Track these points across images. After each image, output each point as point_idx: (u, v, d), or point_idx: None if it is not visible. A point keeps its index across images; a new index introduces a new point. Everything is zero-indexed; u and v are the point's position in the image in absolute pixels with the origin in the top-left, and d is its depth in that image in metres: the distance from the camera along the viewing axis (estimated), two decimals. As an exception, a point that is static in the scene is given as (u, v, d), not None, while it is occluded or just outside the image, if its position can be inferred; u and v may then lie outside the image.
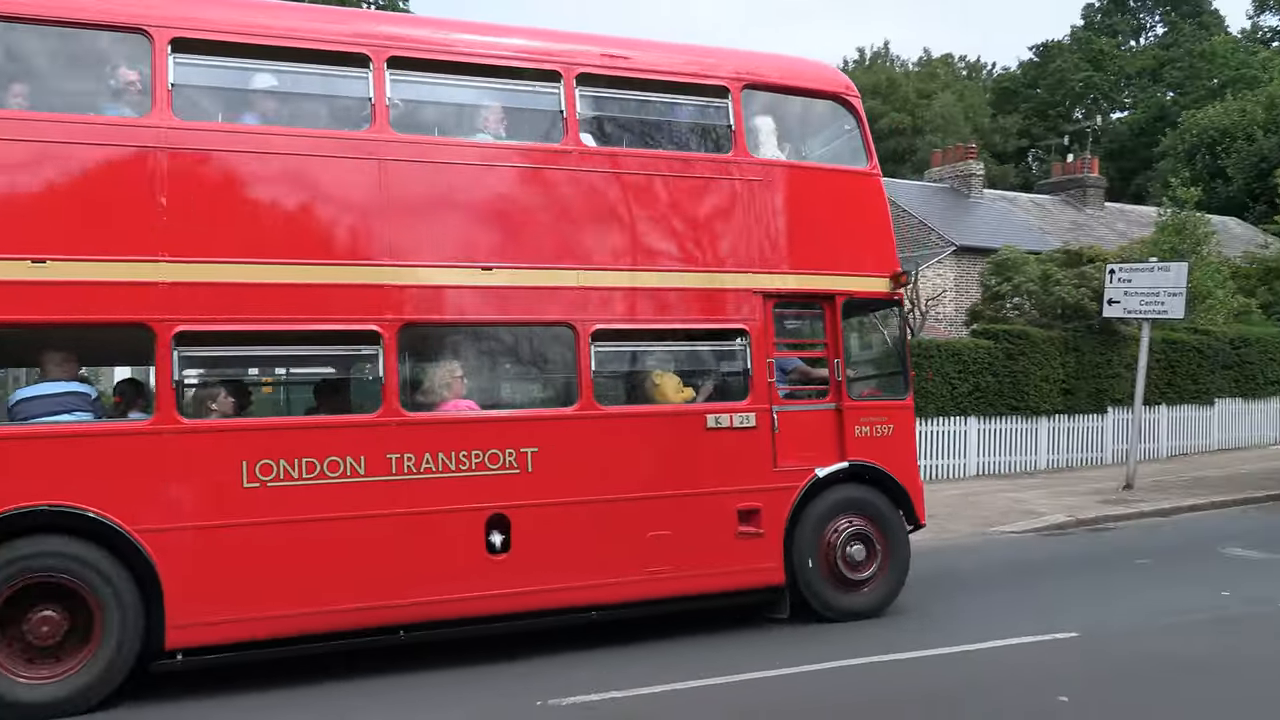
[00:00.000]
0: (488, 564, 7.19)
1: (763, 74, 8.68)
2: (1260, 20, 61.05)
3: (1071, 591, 9.72)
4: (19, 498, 6.15)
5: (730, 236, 8.26)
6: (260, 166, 6.99)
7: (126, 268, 6.55)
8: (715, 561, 7.85)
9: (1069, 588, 9.91)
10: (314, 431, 7.17)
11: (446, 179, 7.49)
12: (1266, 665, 7.02)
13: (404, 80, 7.45)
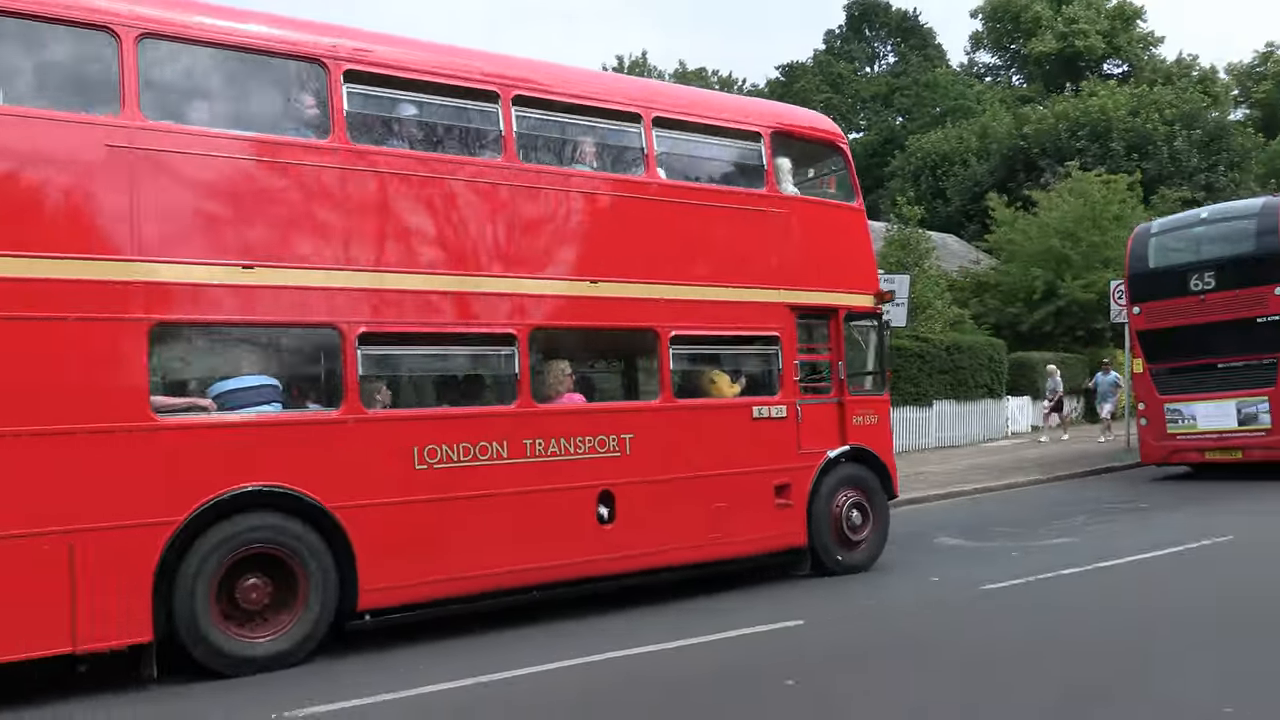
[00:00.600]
0: (598, 533, 8.58)
1: (785, 121, 10.54)
2: (976, 57, 67.26)
3: (803, 582, 10.35)
4: (236, 479, 7.05)
5: (766, 258, 9.90)
6: (421, 189, 8.11)
7: (320, 275, 7.56)
8: (759, 528, 9.63)
9: (804, 579, 10.54)
10: (468, 420, 8.26)
11: (559, 205, 8.82)
12: (967, 642, 7.74)
13: (526, 116, 8.69)
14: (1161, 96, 40.31)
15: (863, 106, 63.85)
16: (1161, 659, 7.04)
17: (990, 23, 62.80)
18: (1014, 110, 46.72)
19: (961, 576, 10.11)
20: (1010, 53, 63.50)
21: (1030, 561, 10.67)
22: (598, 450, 8.67)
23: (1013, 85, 62.48)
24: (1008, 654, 7.31)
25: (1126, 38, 56.63)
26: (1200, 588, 9.28)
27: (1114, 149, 37.09)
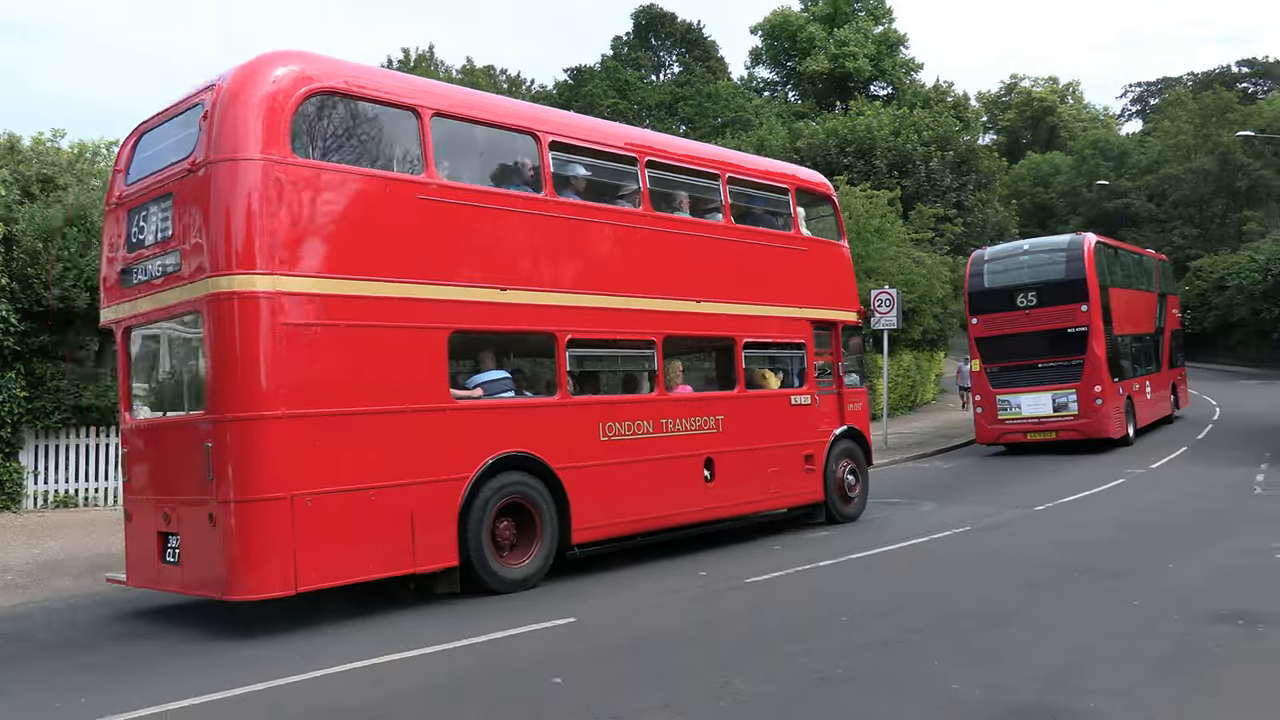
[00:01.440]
0: (704, 489, 11.49)
1: (801, 177, 13.82)
2: (755, 72, 70.04)
3: (580, 579, 10.47)
4: (500, 446, 9.40)
5: (795, 284, 13.03)
6: (596, 231, 10.67)
7: (544, 295, 9.99)
8: (795, 487, 12.76)
9: (580, 574, 10.67)
10: (629, 404, 11.06)
11: (675, 244, 11.54)
12: (730, 632, 8.07)
13: (654, 175, 11.38)
14: (920, 119, 43.27)
15: (648, 113, 65.18)
16: (892, 644, 7.58)
17: (769, 40, 65.66)
18: (789, 125, 48.92)
19: (727, 571, 10.52)
20: (787, 70, 66.58)
21: (792, 555, 11.23)
22: (703, 428, 11.60)
23: (789, 101, 65.48)
24: (761, 642, 7.67)
25: (891, 63, 60.52)
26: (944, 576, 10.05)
27: (878, 166, 39.53)
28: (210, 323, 8.09)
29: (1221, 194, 59.26)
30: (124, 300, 9.26)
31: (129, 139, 9.59)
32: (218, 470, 7.98)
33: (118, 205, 9.40)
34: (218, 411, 8.05)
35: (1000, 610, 8.47)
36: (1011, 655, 7.14)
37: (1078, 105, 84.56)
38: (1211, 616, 7.96)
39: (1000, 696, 6.23)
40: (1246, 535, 11.39)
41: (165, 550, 8.70)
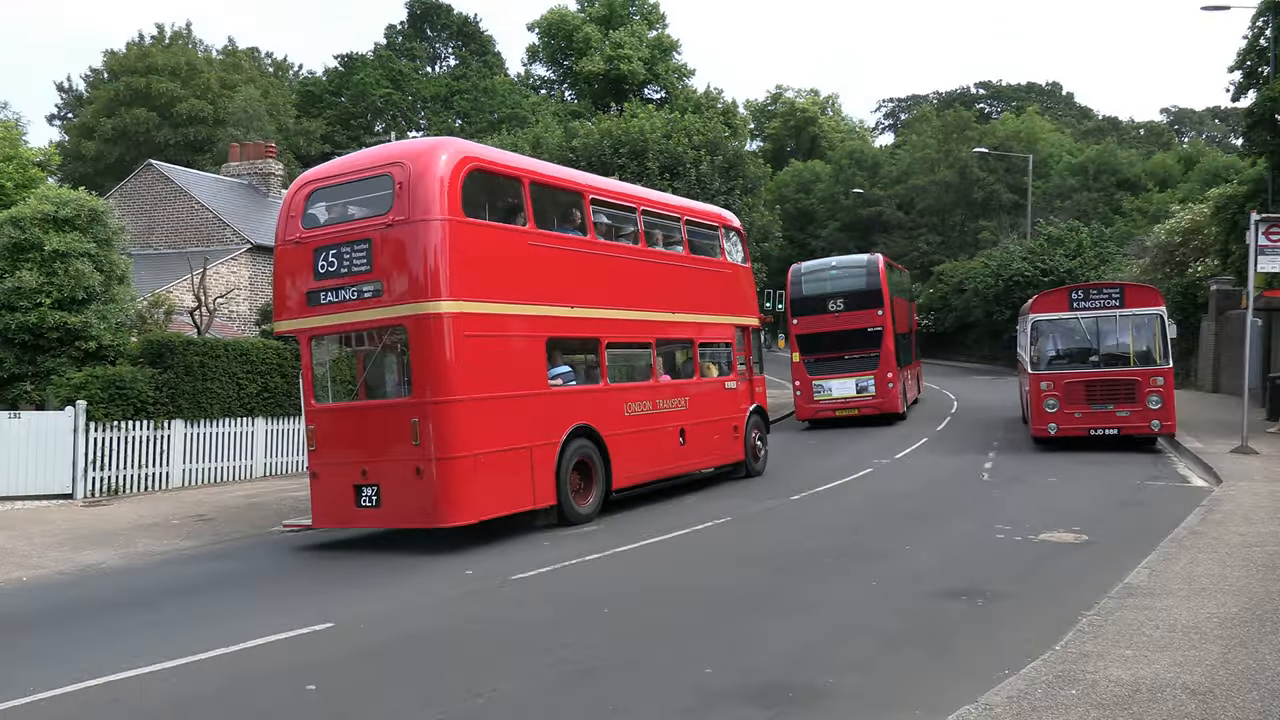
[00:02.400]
0: (679, 450, 15.15)
1: (724, 216, 18.06)
2: (532, 69, 69.99)
3: (334, 584, 10.17)
4: (573, 420, 12.85)
5: (725, 298, 17.05)
6: (613, 263, 14.16)
7: (591, 311, 13.44)
8: (728, 450, 16.57)
9: (333, 581, 10.36)
10: (639, 389, 14.57)
11: (658, 271, 15.20)
12: (494, 630, 8.07)
13: (649, 220, 15.25)
14: (691, 123, 44.48)
15: (423, 105, 63.94)
16: (651, 634, 7.81)
17: (546, 38, 65.72)
18: (565, 124, 49.18)
19: (494, 568, 10.50)
20: (564, 69, 66.86)
21: (559, 550, 11.34)
22: (678, 406, 15.31)
23: (565, 100, 65.81)
24: (524, 638, 7.72)
25: (664, 67, 61.92)
26: (706, 558, 10.43)
27: (650, 167, 40.29)
28: (416, 334, 11.23)
29: (961, 204, 64.33)
30: (310, 315, 11.98)
31: (298, 192, 12.25)
32: (423, 437, 11.14)
33: (299, 244, 12.00)
34: (423, 396, 11.19)
35: (753, 596, 8.88)
36: (762, 638, 7.50)
37: (837, 117, 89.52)
38: (941, 593, 8.66)
39: (749, 677, 6.54)
40: (974, 518, 12.44)
41: (360, 497, 11.68)
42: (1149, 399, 18.02)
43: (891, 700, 6.10)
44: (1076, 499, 13.55)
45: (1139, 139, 77.52)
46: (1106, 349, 18.78)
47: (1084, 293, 19.16)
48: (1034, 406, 19.18)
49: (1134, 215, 55.09)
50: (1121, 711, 5.40)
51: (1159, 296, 19.02)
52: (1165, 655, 6.35)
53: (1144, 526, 11.21)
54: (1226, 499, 12.57)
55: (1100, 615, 7.35)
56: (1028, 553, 10.29)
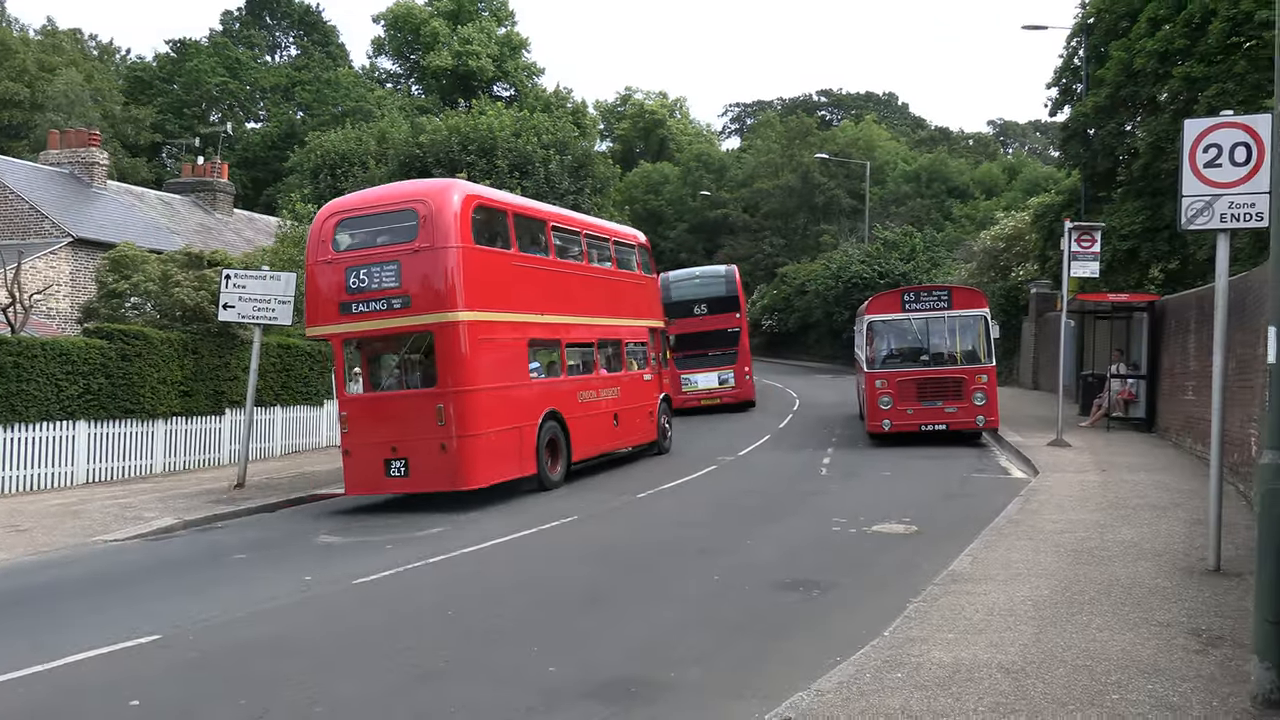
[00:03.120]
0: (614, 431, 18.14)
1: (639, 236, 21.33)
2: (378, 62, 68.44)
3: (164, 593, 9.73)
4: (546, 406, 15.71)
5: (641, 305, 20.15)
6: (572, 278, 17.30)
7: (555, 318, 16.42)
8: (646, 431, 19.56)
9: (163, 590, 9.91)
10: (587, 380, 17.41)
11: (602, 283, 18.60)
12: (332, 635, 7.88)
13: (590, 241, 18.56)
14: (540, 123, 44.39)
15: (263, 96, 61.70)
16: (495, 634, 7.79)
17: (392, 31, 64.41)
18: (412, 119, 48.29)
19: (334, 572, 10.25)
20: (410, 63, 65.67)
21: (403, 553, 11.15)
22: (612, 395, 18.18)
23: (412, 94, 64.61)
24: (365, 642, 7.57)
25: (514, 65, 61.61)
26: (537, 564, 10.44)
27: (499, 165, 39.96)
28: (442, 338, 14.03)
29: (804, 208, 66.30)
30: (343, 322, 14.47)
31: (327, 221, 14.80)
32: (447, 419, 13.91)
33: (332, 263, 14.50)
34: (446, 387, 14.02)
35: (597, 593, 8.95)
36: (604, 634, 7.58)
37: (685, 120, 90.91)
38: (778, 585, 8.93)
39: (591, 674, 6.60)
40: (812, 511, 12.87)
41: (390, 469, 14.23)
42: (974, 396, 19.06)
43: (730, 691, 6.26)
44: (907, 492, 14.18)
45: (968, 149, 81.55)
46: (936, 349, 19.79)
47: (915, 295, 20.10)
48: (869, 404, 20.01)
49: (963, 221, 57.99)
50: (942, 692, 5.69)
51: (983, 299, 20.14)
52: (983, 637, 6.73)
53: (968, 516, 11.83)
54: (1042, 489, 13.39)
55: (926, 602, 7.73)
56: (861, 544, 10.72)
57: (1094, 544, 9.69)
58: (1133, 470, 14.82)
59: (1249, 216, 8.00)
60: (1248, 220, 8.01)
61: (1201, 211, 8.08)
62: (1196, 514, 10.83)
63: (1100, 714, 5.30)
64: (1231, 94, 19.66)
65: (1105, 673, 5.94)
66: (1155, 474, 14.41)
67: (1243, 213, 8.02)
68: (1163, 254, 23.85)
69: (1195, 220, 8.14)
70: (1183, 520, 10.82)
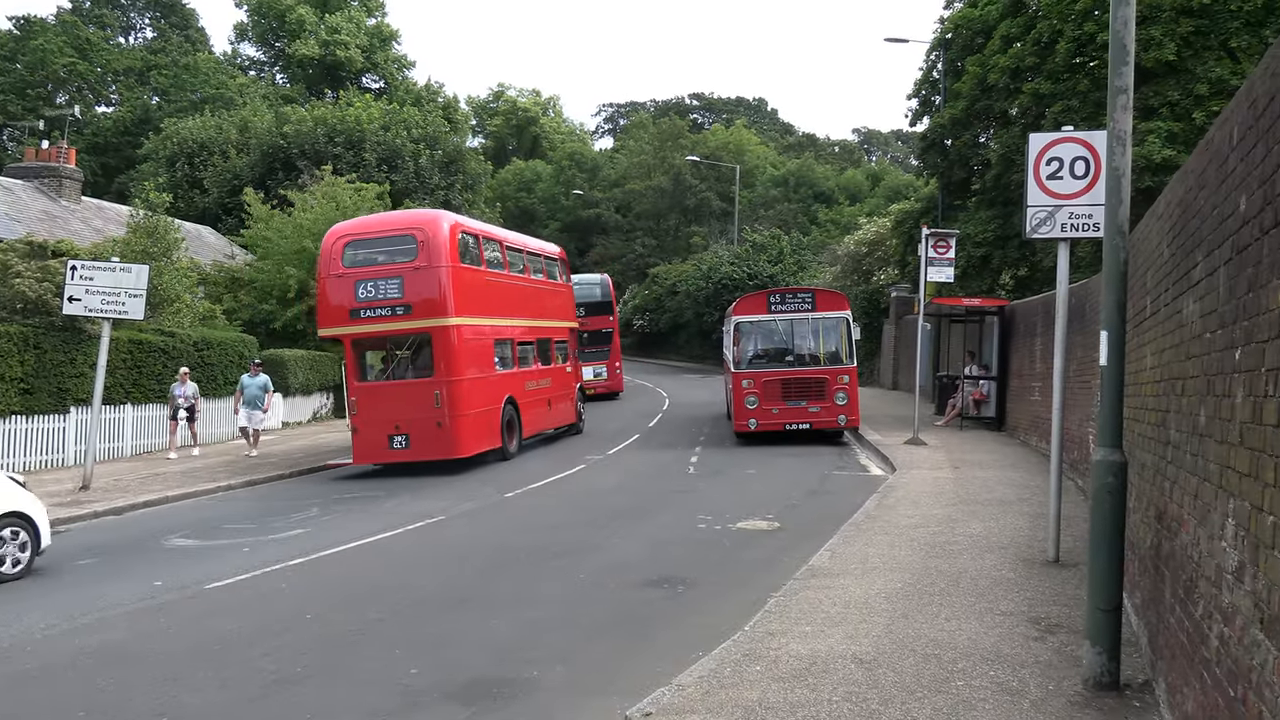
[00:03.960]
0: (548, 413, 21.80)
1: (560, 253, 25.31)
2: (240, 48, 66.04)
3: (5, 601, 9.18)
4: (505, 393, 19.13)
5: (564, 308, 24.13)
6: (519, 288, 20.79)
7: (510, 321, 19.98)
8: (569, 415, 23.23)
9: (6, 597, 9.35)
10: (531, 372, 20.84)
11: (540, 292, 22.30)
12: (183, 642, 7.57)
13: (515, 254, 21.40)
14: (410, 116, 43.66)
15: (115, 79, 58.80)
16: (356, 638, 7.63)
17: (256, 17, 62.21)
18: (276, 108, 46.80)
19: (186, 577, 9.86)
20: (275, 50, 63.57)
21: (261, 556, 10.80)
22: (546, 384, 21.40)
23: (276, 83, 62.59)
24: (218, 649, 7.31)
25: (383, 56, 60.30)
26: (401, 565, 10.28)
27: (367, 159, 39.21)
28: (437, 338, 17.23)
29: (675, 209, 67.06)
30: (353, 325, 17.37)
31: (336, 242, 17.69)
32: (443, 402, 17.11)
33: (341, 277, 17.41)
34: (441, 376, 17.20)
35: (462, 594, 8.86)
36: (468, 635, 7.51)
37: (558, 118, 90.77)
38: (644, 583, 9.01)
39: (454, 675, 6.53)
40: (679, 509, 13.03)
41: (393, 443, 17.35)
42: (837, 396, 19.63)
43: (593, 688, 6.29)
44: (771, 489, 14.50)
45: (834, 155, 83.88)
46: (800, 350, 20.28)
47: (781, 297, 20.57)
48: (736, 403, 20.38)
49: (828, 226, 59.54)
50: (799, 683, 5.84)
51: (845, 301, 20.75)
52: (839, 629, 6.94)
53: (829, 513, 12.17)
54: (899, 486, 13.88)
55: (786, 596, 7.92)
56: (726, 541, 10.90)
57: (945, 538, 10.09)
58: (983, 467, 15.50)
59: (1087, 227, 8.46)
60: (1086, 230, 8.47)
61: (1044, 221, 8.51)
62: (1040, 508, 11.39)
63: (946, 700, 5.53)
64: (1075, 110, 20.79)
65: (952, 661, 6.20)
66: (1003, 471, 15.10)
67: (1081, 223, 8.48)
68: (1013, 261, 25.06)
69: (1039, 229, 8.57)
70: (1027, 514, 11.37)
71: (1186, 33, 19.94)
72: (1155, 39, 19.74)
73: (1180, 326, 4.94)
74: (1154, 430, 5.90)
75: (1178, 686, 4.79)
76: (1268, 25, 19.59)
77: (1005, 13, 24.52)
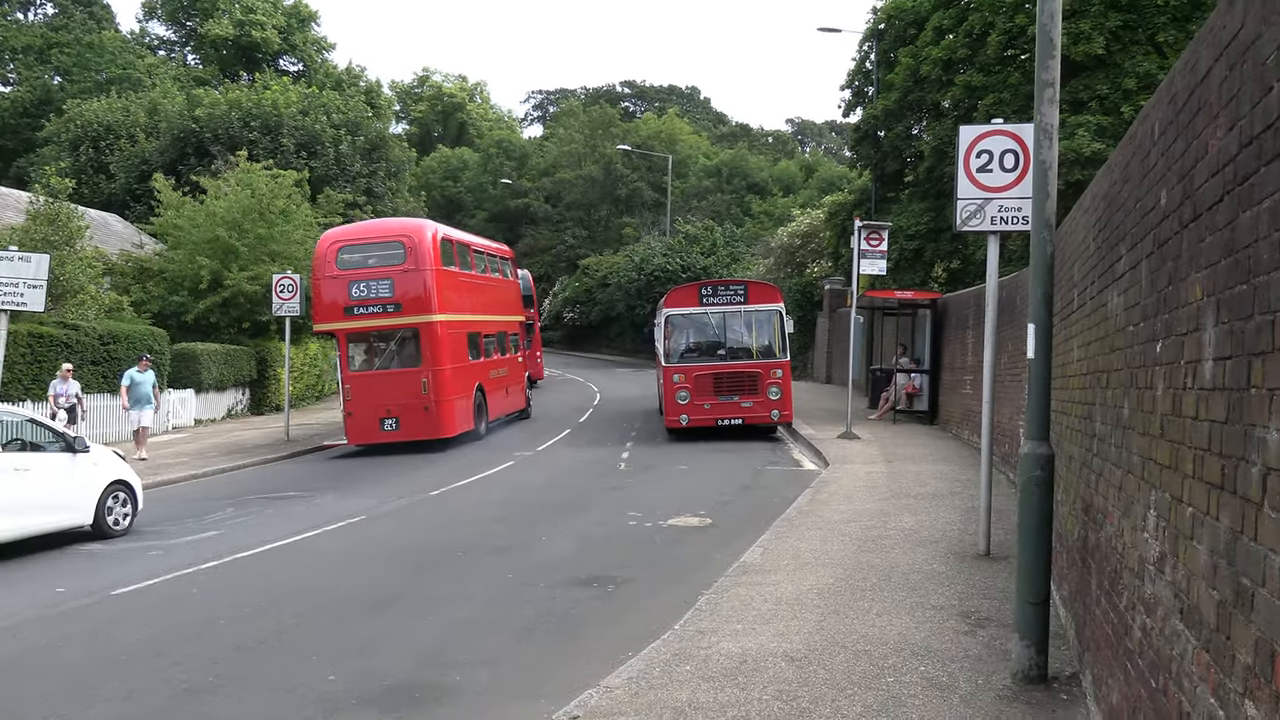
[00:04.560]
0: (507, 398, 24.60)
1: (508, 251, 28.73)
2: (149, 27, 64.34)
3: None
4: (476, 380, 21.82)
5: (511, 303, 26.42)
6: (482, 285, 23.68)
7: (477, 316, 22.64)
8: (520, 402, 25.94)
9: None
10: (493, 363, 23.53)
11: (495, 287, 24.95)
12: (87, 652, 7.38)
13: (490, 257, 25.24)
14: (331, 100, 42.95)
15: (13, 57, 56.90)
16: (273, 644, 7.51)
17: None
18: (187, 90, 45.69)
19: (91, 583, 9.60)
20: (186, 30, 62.05)
21: (170, 560, 10.56)
22: (502, 373, 23.91)
23: (187, 64, 61.14)
24: (125, 658, 7.13)
25: (302, 38, 59.19)
26: (327, 565, 10.14)
27: (284, 144, 38.48)
28: (425, 333, 19.80)
29: (606, 200, 67.03)
30: (346, 321, 19.90)
31: (330, 247, 20.30)
32: (430, 389, 19.70)
33: (335, 278, 19.93)
34: (428, 366, 19.77)
35: (384, 596, 8.76)
36: (390, 639, 7.43)
37: (485, 105, 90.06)
38: (574, 582, 9.00)
39: (373, 681, 6.46)
40: (609, 507, 13.05)
41: (383, 425, 19.82)
42: (769, 390, 19.78)
43: (519, 692, 6.27)
44: (704, 485, 14.59)
45: (767, 146, 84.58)
46: (732, 343, 20.37)
47: (713, 289, 20.67)
48: (667, 398, 20.45)
49: (762, 217, 60.04)
50: (729, 682, 5.89)
51: (778, 294, 20.93)
52: (770, 627, 7.01)
53: (761, 508, 12.29)
54: (831, 480, 14.07)
55: (717, 594, 7.98)
56: (657, 538, 10.95)
57: (877, 532, 10.26)
58: (915, 461, 15.79)
59: (1016, 219, 8.66)
60: (1015, 223, 8.66)
61: (975, 214, 8.69)
62: (972, 502, 11.64)
63: (876, 697, 5.62)
64: (1007, 103, 21.24)
65: (882, 656, 6.30)
66: (936, 464, 15.40)
67: (1011, 215, 8.67)
68: (946, 253, 25.53)
69: (969, 222, 8.74)
70: (958, 509, 11.61)
71: (1115, 27, 20.49)
72: (1084, 32, 20.24)
73: (1105, 319, 5.08)
74: (1080, 423, 6.07)
75: (1103, 678, 4.94)
76: (1193, 20, 20.21)
77: (938, 4, 24.93)
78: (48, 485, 11.50)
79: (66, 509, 11.69)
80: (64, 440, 12.05)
